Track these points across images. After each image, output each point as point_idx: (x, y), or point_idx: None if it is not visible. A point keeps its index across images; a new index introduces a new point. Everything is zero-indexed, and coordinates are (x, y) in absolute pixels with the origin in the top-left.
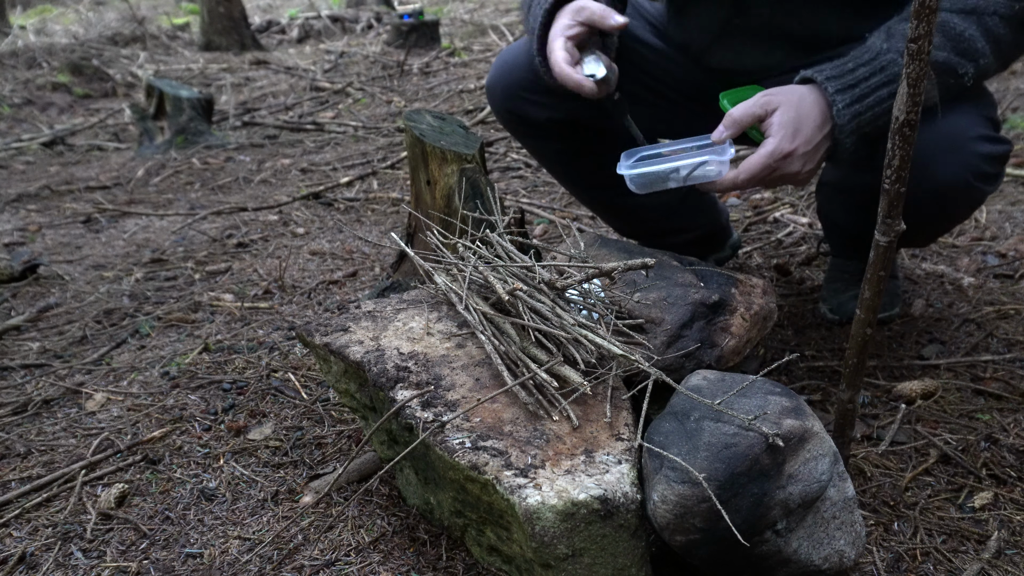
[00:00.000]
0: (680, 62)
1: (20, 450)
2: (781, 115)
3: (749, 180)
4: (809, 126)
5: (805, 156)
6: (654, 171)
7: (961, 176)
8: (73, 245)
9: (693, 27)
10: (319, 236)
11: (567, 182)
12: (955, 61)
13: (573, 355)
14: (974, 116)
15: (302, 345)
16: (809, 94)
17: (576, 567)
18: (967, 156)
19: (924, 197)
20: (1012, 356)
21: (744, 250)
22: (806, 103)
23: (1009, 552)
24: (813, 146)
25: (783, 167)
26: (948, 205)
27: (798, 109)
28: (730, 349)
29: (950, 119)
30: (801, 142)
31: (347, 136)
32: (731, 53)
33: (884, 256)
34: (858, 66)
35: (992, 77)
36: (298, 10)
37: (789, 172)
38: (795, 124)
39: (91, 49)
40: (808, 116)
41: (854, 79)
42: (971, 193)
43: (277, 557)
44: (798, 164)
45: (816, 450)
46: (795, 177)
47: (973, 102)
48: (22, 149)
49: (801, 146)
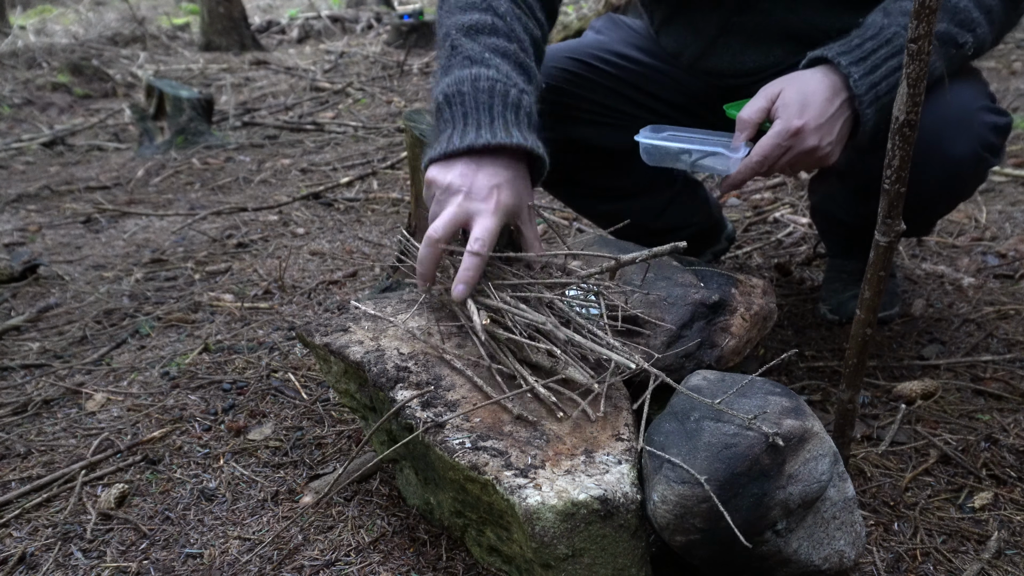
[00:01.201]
0: (669, 73)
1: (20, 450)
2: (785, 95)
3: (763, 161)
4: (817, 100)
5: (819, 130)
6: (665, 147)
7: (971, 147)
8: (73, 245)
9: (687, 33)
10: (319, 236)
11: (559, 194)
12: (955, 31)
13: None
14: (975, 89)
15: (302, 345)
16: (815, 73)
17: (576, 567)
18: (976, 127)
19: (934, 171)
20: (1012, 356)
21: (744, 250)
22: (812, 80)
23: (1009, 552)
24: (827, 119)
25: (797, 144)
26: (957, 180)
27: (803, 87)
28: (730, 349)
29: (954, 93)
30: (811, 116)
31: (347, 136)
32: (728, 55)
33: (884, 256)
34: (864, 40)
35: (987, 52)
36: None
37: (805, 148)
38: (801, 101)
39: (91, 49)
40: (815, 91)
41: (863, 52)
42: (980, 165)
43: (277, 557)
44: (813, 139)
45: (816, 450)
46: (815, 154)
47: (970, 79)
48: (22, 149)
49: (811, 120)
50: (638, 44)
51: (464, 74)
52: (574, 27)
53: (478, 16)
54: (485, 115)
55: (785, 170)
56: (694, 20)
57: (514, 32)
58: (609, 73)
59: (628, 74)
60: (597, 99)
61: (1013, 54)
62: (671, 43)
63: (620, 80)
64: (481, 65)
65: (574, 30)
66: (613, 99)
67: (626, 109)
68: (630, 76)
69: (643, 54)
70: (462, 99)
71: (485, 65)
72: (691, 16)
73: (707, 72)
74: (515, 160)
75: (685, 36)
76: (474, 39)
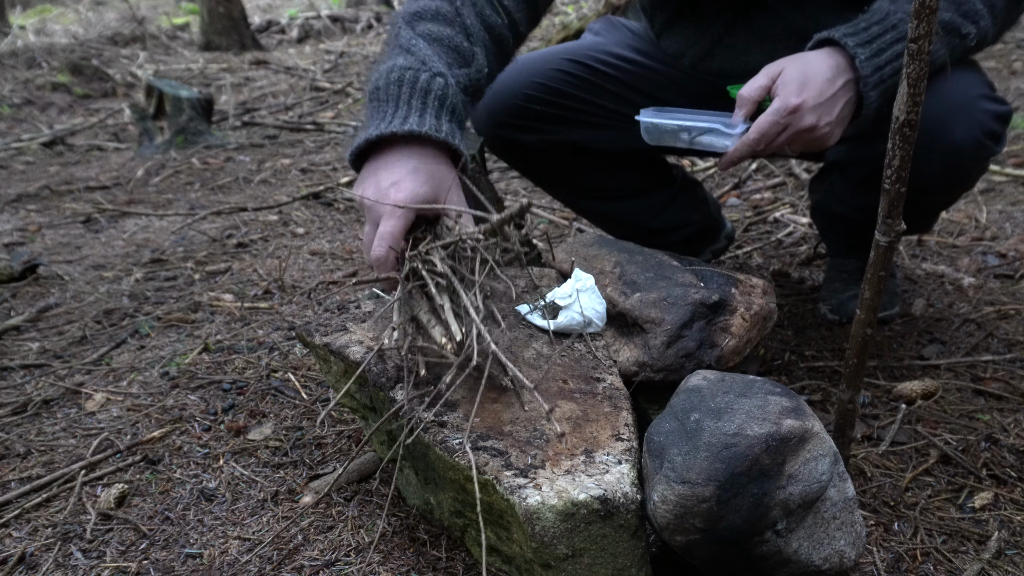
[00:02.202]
0: (669, 74)
1: (20, 450)
2: (786, 74)
3: (760, 138)
4: (818, 79)
5: (818, 109)
6: (664, 124)
7: (974, 135)
8: (73, 245)
9: (690, 35)
10: (319, 236)
11: (558, 195)
12: (959, 21)
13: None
14: (976, 78)
15: (302, 345)
16: (820, 53)
17: (576, 567)
18: (977, 114)
19: (936, 159)
20: (1012, 356)
21: (744, 250)
22: (815, 60)
23: (1009, 552)
24: (827, 98)
25: (795, 122)
26: (959, 167)
27: (805, 66)
28: (730, 349)
29: (955, 81)
30: (810, 95)
31: (347, 136)
32: (732, 55)
33: (884, 256)
34: (871, 24)
35: (989, 46)
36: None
37: (803, 127)
38: (801, 79)
39: (91, 49)
40: (816, 71)
41: (869, 35)
42: (982, 153)
43: (277, 557)
44: (811, 117)
45: (816, 450)
46: (813, 133)
47: (970, 68)
48: (22, 149)
49: (810, 98)
50: (637, 46)
51: (384, 67)
52: (574, 27)
53: (428, 2)
54: (391, 106)
55: (784, 149)
56: (699, 22)
57: (459, 18)
58: (608, 75)
59: (627, 76)
60: (596, 101)
61: (1013, 54)
62: (673, 45)
63: (619, 82)
64: (404, 53)
65: (574, 30)
66: (612, 101)
67: (625, 112)
68: (629, 78)
69: (642, 56)
70: (376, 94)
71: (408, 53)
72: (696, 18)
73: (709, 73)
74: (419, 147)
75: (688, 38)
76: (412, 26)
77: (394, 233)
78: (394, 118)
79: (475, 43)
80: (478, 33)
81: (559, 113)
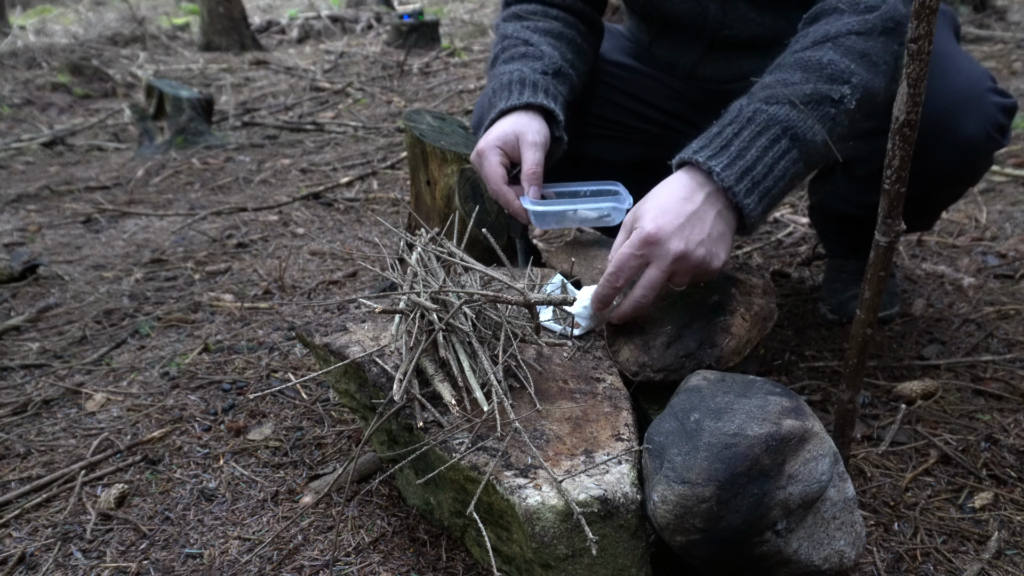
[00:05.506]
0: (665, 80)
1: (20, 450)
2: (639, 209)
3: (616, 273)
4: (673, 201)
5: (680, 231)
6: (552, 211)
7: (982, 128)
8: (73, 245)
9: (680, 45)
10: (319, 236)
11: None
12: (824, 88)
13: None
14: (979, 71)
15: (302, 345)
16: (674, 177)
17: (576, 567)
18: (985, 107)
19: (945, 152)
20: (1012, 356)
21: (744, 250)
22: (667, 185)
23: (1009, 552)
24: (685, 218)
25: (656, 251)
26: (969, 163)
27: (657, 195)
28: (730, 349)
29: (961, 74)
30: (667, 220)
31: (347, 136)
32: (723, 62)
33: (884, 256)
34: (723, 128)
35: (892, 94)
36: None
37: (673, 255)
38: (656, 208)
39: (91, 49)
40: (670, 194)
41: (723, 140)
42: (989, 145)
43: (277, 557)
44: (677, 243)
45: (816, 450)
46: (691, 259)
47: (972, 61)
48: (22, 149)
49: (667, 224)
50: (633, 53)
51: (499, 70)
52: None
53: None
54: (504, 93)
55: (673, 283)
56: (684, 34)
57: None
58: (608, 84)
59: (626, 84)
60: (599, 112)
61: (1013, 54)
62: (665, 54)
63: (619, 91)
64: (518, 61)
65: None
66: (613, 111)
67: (628, 122)
68: (628, 86)
69: (638, 62)
70: (495, 90)
71: (524, 59)
72: (680, 33)
73: (704, 79)
74: (526, 113)
75: (679, 47)
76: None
77: (480, 148)
78: (509, 100)
79: (540, 44)
80: (541, 36)
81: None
